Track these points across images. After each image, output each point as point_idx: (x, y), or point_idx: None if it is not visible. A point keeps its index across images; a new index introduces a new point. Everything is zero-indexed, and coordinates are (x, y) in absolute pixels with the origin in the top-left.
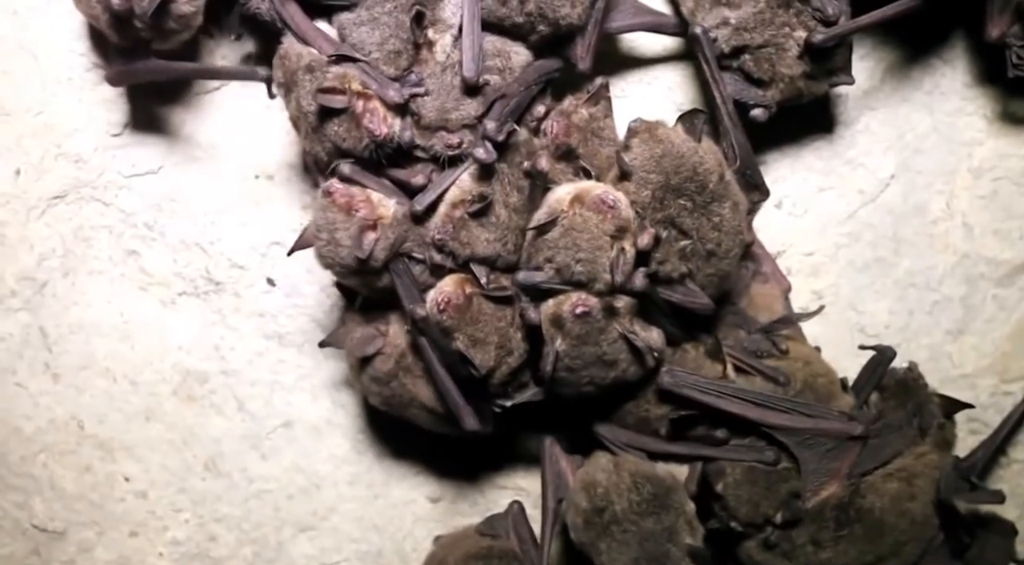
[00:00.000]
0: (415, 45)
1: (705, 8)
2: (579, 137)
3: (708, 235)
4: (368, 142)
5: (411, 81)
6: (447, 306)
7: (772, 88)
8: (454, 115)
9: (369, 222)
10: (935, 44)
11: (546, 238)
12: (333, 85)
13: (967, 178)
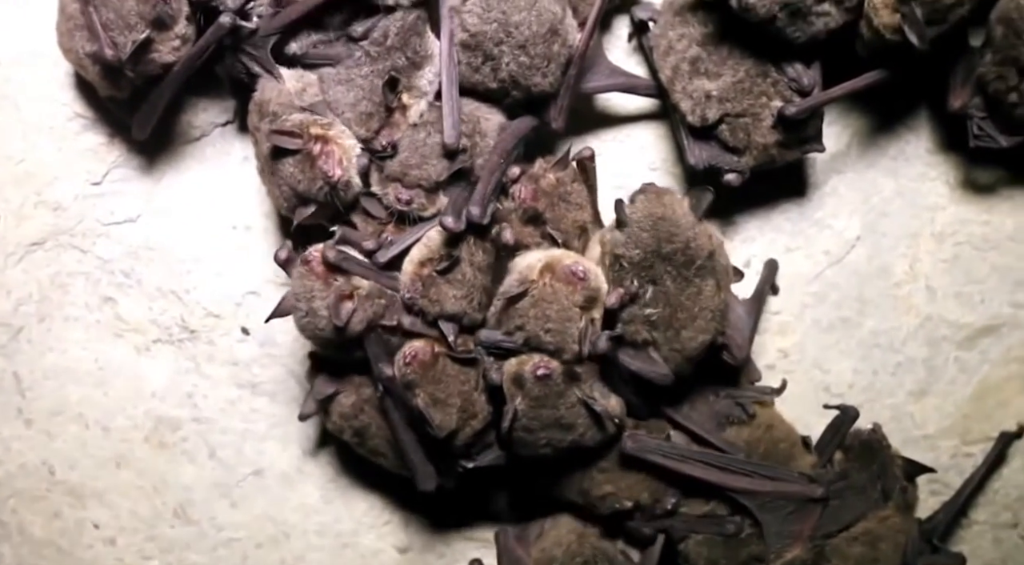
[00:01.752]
0: (387, 109)
1: (684, 78)
2: (547, 202)
3: (683, 305)
4: (322, 184)
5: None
6: (413, 360)
7: (746, 155)
8: (414, 172)
9: (346, 291)
10: (900, 112)
11: (516, 307)
12: (290, 129)
13: (930, 242)
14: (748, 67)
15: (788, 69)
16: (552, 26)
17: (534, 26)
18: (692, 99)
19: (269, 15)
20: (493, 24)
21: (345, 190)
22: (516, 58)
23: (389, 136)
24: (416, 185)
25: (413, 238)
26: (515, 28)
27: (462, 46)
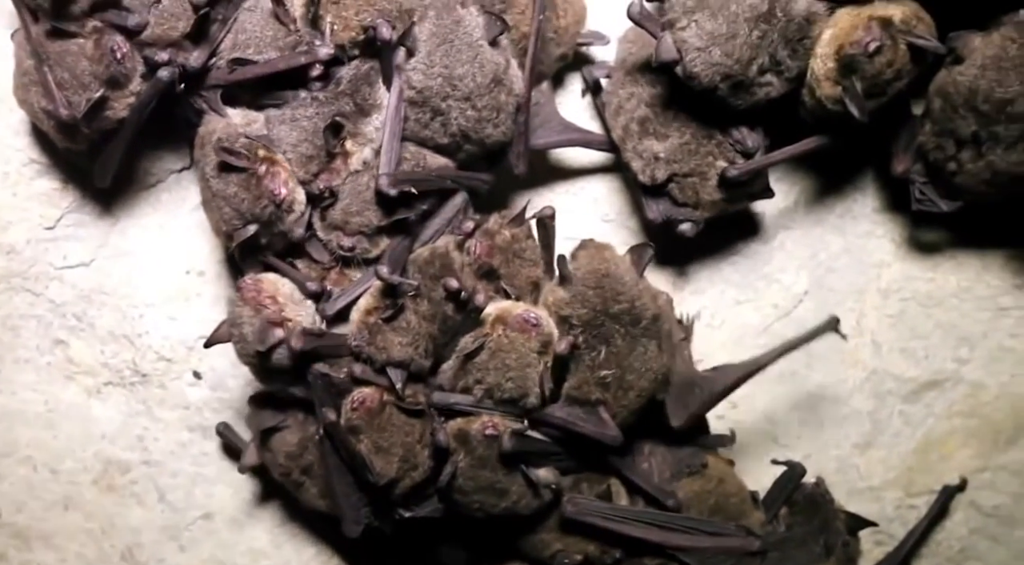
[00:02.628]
0: (329, 154)
1: (634, 138)
2: (501, 258)
3: (631, 366)
4: (267, 203)
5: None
6: (360, 406)
7: (698, 210)
8: (355, 219)
9: (275, 319)
10: (847, 172)
11: (474, 362)
12: (238, 149)
13: (876, 298)
14: (694, 129)
15: (733, 131)
16: (495, 76)
17: (477, 77)
18: (642, 159)
19: (226, 69)
20: (438, 79)
21: (289, 211)
22: (464, 112)
23: (327, 181)
24: (357, 232)
25: (361, 289)
26: (459, 81)
27: (410, 103)
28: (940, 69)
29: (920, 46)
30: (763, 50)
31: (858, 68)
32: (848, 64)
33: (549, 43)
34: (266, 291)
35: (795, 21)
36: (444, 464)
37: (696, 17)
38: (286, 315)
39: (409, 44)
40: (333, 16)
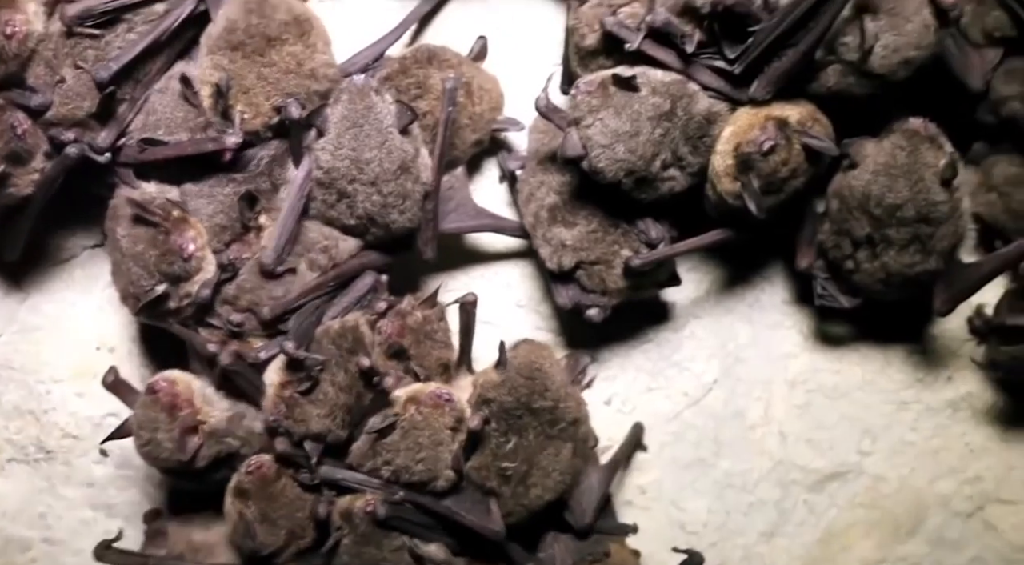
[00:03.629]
0: (244, 226)
1: (544, 225)
2: (412, 339)
3: (539, 464)
4: (176, 259)
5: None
6: (255, 470)
7: (605, 296)
8: (246, 297)
9: (190, 424)
10: (756, 263)
11: (385, 442)
12: (151, 207)
13: (783, 388)
14: (601, 218)
15: (639, 222)
16: (403, 164)
17: (384, 163)
18: (550, 246)
19: (137, 148)
20: (345, 161)
21: (197, 270)
22: (369, 196)
23: (238, 252)
24: (247, 309)
25: (269, 353)
26: (366, 165)
27: (317, 183)
28: (838, 170)
29: (814, 147)
30: (665, 147)
31: (754, 166)
32: (745, 161)
33: (464, 129)
34: (183, 394)
35: (695, 119)
36: (327, 537)
37: (601, 115)
38: (200, 418)
39: (319, 124)
40: (243, 105)
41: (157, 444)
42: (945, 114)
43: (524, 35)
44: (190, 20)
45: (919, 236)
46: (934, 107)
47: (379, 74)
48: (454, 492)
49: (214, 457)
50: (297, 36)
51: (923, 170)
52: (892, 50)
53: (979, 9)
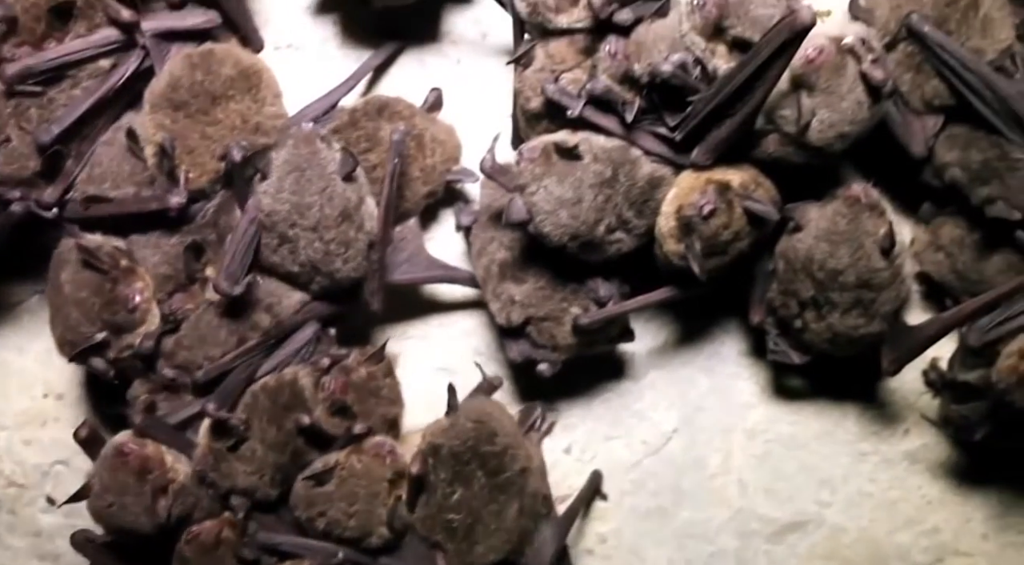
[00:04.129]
0: (189, 278)
1: (494, 279)
2: (355, 395)
3: (483, 520)
4: (120, 309)
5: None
6: (194, 538)
7: (556, 352)
8: (183, 353)
9: (162, 486)
10: (715, 315)
11: (320, 492)
12: (101, 254)
13: (742, 438)
14: (551, 275)
15: (588, 280)
16: (345, 211)
17: (326, 209)
18: (500, 301)
19: (82, 204)
20: (285, 205)
21: (141, 321)
22: (311, 243)
23: (182, 303)
24: (181, 366)
25: (185, 415)
26: (307, 210)
27: (260, 225)
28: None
29: (755, 212)
30: (609, 212)
31: (696, 229)
32: (686, 225)
33: (415, 181)
34: (153, 456)
35: (639, 185)
36: None
37: (545, 183)
38: (171, 477)
39: (263, 168)
40: (188, 164)
41: (124, 508)
42: (894, 174)
43: (480, 86)
44: (137, 75)
45: (862, 301)
46: (883, 167)
47: (329, 126)
48: (397, 549)
49: (180, 515)
50: (244, 90)
51: (863, 238)
52: (828, 125)
53: (917, 78)
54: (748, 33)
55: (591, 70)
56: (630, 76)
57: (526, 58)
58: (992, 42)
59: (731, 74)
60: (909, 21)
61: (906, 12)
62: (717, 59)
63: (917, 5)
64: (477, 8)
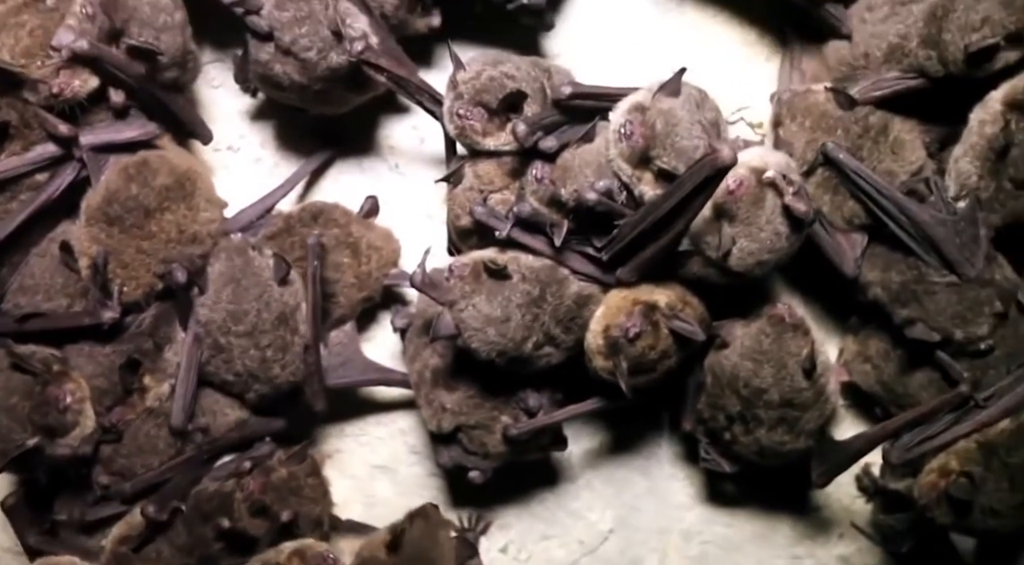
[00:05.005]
0: (126, 391)
1: (427, 385)
2: (275, 496)
3: None
4: (52, 411)
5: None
6: None
7: (487, 459)
8: (120, 462)
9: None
10: (651, 418)
11: None
12: (32, 359)
13: (678, 539)
14: (481, 384)
15: (519, 391)
16: (281, 315)
17: (263, 313)
18: (431, 408)
19: (13, 320)
20: (222, 314)
21: (74, 425)
22: (247, 350)
23: (121, 415)
24: (117, 473)
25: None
26: (243, 316)
27: (195, 338)
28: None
29: (681, 332)
30: (536, 330)
31: (622, 350)
32: (613, 345)
33: (351, 288)
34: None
35: (566, 303)
36: None
37: (474, 301)
38: None
39: (201, 283)
40: (123, 278)
41: None
42: (825, 285)
43: (418, 190)
44: (73, 186)
45: (786, 418)
46: (814, 278)
47: (263, 232)
48: None
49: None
50: (179, 199)
51: (787, 358)
52: (747, 253)
53: (836, 199)
54: (673, 163)
55: (519, 192)
56: (557, 199)
57: (455, 177)
58: (904, 164)
59: (656, 203)
60: (824, 148)
61: (821, 142)
62: (643, 185)
63: (831, 135)
64: (415, 115)
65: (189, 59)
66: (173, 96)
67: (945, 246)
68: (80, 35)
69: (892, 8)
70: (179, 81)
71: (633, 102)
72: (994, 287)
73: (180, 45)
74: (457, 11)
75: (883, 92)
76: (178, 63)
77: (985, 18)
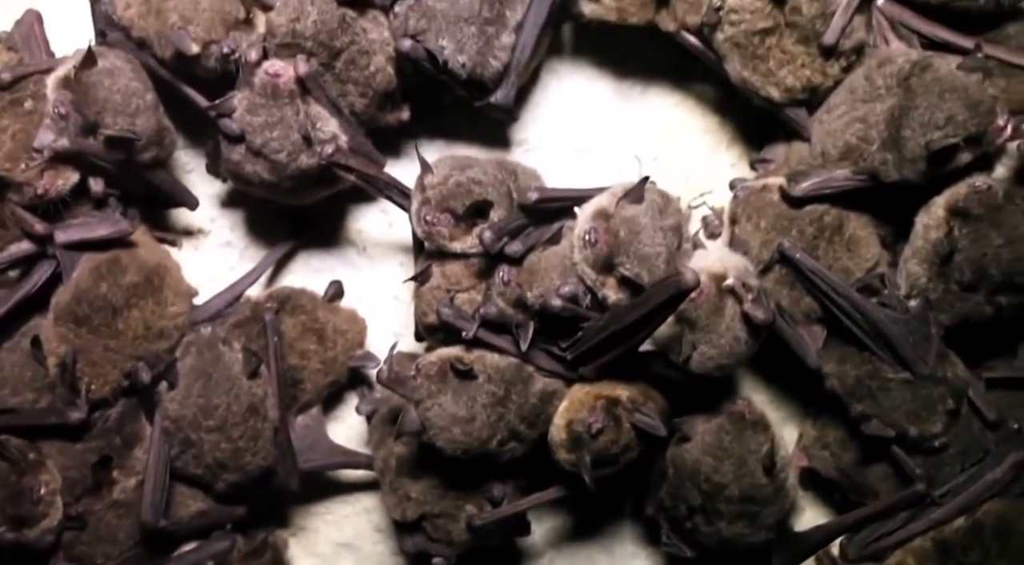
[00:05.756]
0: (96, 484)
1: (391, 473)
2: None
3: None
4: (24, 500)
5: None
6: None
7: (450, 547)
8: (80, 548)
9: None
10: (614, 498)
11: None
12: (10, 445)
13: None
14: (445, 473)
15: (483, 481)
16: (252, 405)
17: (233, 407)
18: (395, 496)
19: None
20: (192, 409)
21: (44, 515)
22: (217, 444)
23: (88, 505)
24: (76, 560)
25: None
26: (214, 411)
27: (164, 432)
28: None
29: (643, 427)
30: (501, 428)
31: (585, 444)
32: (576, 439)
33: (316, 374)
34: None
35: (531, 401)
36: None
37: (439, 400)
38: None
39: (170, 379)
40: (90, 376)
41: None
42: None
43: (387, 273)
44: (47, 283)
45: (747, 513)
46: (775, 364)
47: (230, 321)
48: None
49: None
50: (147, 295)
51: (747, 455)
52: (707, 358)
53: (793, 294)
54: (636, 270)
55: (486, 293)
56: (524, 301)
57: (423, 276)
58: (859, 261)
59: (619, 314)
60: (781, 248)
61: (776, 243)
62: (607, 290)
63: (786, 235)
64: (384, 200)
65: (165, 136)
66: (154, 172)
67: (899, 344)
68: (59, 134)
69: (851, 108)
70: (158, 157)
71: (597, 208)
72: (946, 385)
73: (155, 125)
74: (426, 104)
75: (830, 191)
76: (155, 142)
77: (949, 117)
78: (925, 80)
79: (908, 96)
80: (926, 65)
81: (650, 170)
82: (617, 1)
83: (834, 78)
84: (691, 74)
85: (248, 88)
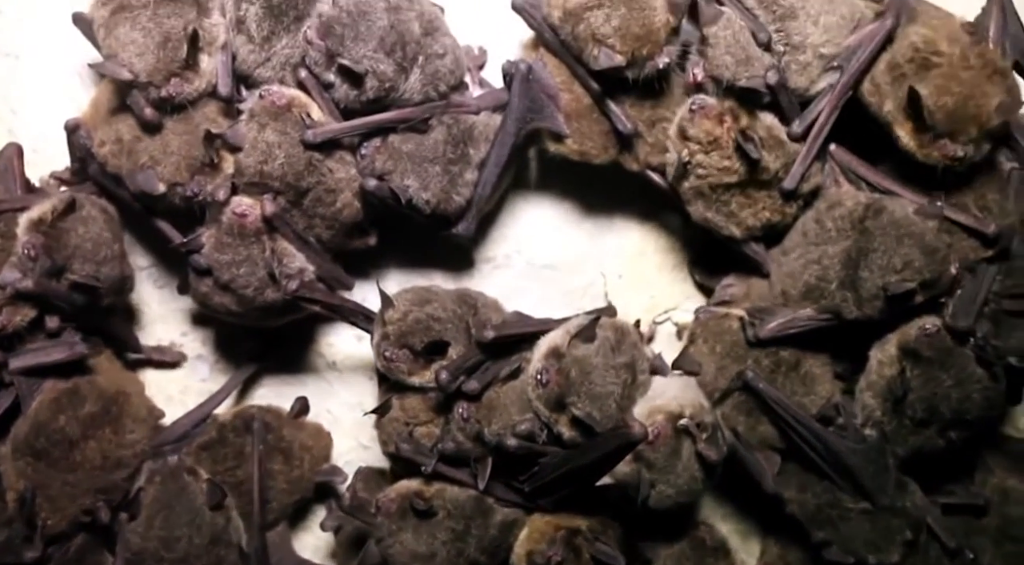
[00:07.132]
0: None
1: None
2: None
3: None
4: None
5: None
6: None
7: None
8: None
9: None
10: None
11: None
12: None
13: None
14: None
15: None
16: (214, 536)
17: (195, 539)
18: None
19: None
20: (153, 542)
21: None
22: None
23: None
24: None
25: None
26: (175, 543)
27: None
28: None
29: (602, 558)
30: (462, 562)
31: None
32: None
33: (282, 493)
34: None
35: (491, 533)
36: None
37: (401, 537)
38: None
39: (132, 510)
40: (48, 511)
41: None
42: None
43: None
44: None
45: None
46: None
47: (196, 442)
48: None
49: None
50: (104, 424)
51: None
52: (665, 496)
53: (750, 421)
54: (587, 409)
55: (444, 427)
56: (482, 437)
57: (383, 409)
58: (814, 398)
59: (573, 456)
60: (745, 377)
61: (732, 371)
62: (561, 427)
63: (741, 364)
64: None
65: (126, 283)
66: (109, 317)
67: (860, 475)
68: (25, 274)
69: (804, 251)
70: (115, 305)
71: (549, 346)
72: (905, 516)
73: (118, 274)
74: (394, 226)
75: (795, 331)
76: (116, 290)
77: (907, 263)
78: (881, 222)
79: (865, 238)
80: (879, 208)
81: (615, 287)
82: (580, 145)
83: (792, 216)
84: (655, 198)
85: (216, 226)
